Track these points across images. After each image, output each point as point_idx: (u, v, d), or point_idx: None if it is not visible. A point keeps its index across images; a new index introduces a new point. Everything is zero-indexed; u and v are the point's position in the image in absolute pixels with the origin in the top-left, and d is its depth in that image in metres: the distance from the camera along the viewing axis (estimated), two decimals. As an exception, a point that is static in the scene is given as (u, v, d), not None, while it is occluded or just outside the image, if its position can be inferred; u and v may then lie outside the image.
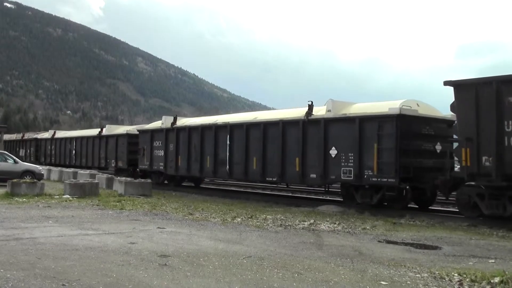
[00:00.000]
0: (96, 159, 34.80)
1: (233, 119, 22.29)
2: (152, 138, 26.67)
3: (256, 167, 20.22)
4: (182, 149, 24.38)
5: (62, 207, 15.46)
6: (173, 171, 25.28)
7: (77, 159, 37.78)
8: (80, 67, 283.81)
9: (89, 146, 35.86)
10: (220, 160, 22.02)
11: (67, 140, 40.22)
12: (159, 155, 26.06)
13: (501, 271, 7.08)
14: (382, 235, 11.50)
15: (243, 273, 7.02)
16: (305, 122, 18.42)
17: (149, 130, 27.44)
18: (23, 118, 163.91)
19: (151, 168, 26.71)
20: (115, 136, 32.28)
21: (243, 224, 12.82)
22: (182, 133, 24.60)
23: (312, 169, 18.19)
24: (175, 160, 24.72)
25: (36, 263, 7.29)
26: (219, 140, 22.06)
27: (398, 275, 7.20)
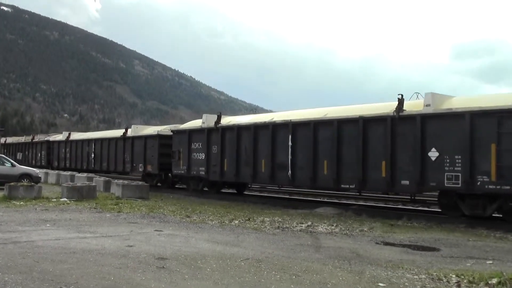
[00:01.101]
0: (119, 163, 31.10)
1: (295, 117, 19.17)
2: (190, 139, 23.78)
3: (327, 172, 17.46)
4: (229, 151, 21.57)
5: (60, 210, 15.44)
6: (217, 177, 22.35)
7: (96, 164, 34.07)
8: (77, 70, 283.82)
9: (111, 149, 32.18)
10: (279, 164, 19.21)
11: (84, 143, 36.32)
12: (199, 158, 23.16)
13: (498, 272, 7.09)
14: (380, 237, 11.50)
15: (241, 276, 7.02)
16: (394, 119, 15.71)
17: (186, 130, 24.46)
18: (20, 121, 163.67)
19: (189, 173, 23.83)
20: (143, 137, 28.65)
21: (241, 226, 12.82)
22: (228, 133, 21.76)
23: (404, 174, 15.47)
24: (219, 164, 21.86)
25: (34, 266, 7.28)
26: (278, 141, 19.29)
27: (396, 276, 7.21)
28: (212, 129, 22.57)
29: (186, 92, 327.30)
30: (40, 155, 43.24)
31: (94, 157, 34.14)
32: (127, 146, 30.10)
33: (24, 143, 47.40)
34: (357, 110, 17.35)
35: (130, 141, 29.74)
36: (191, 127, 24.51)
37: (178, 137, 24.97)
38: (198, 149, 23.28)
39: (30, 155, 45.01)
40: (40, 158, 43.14)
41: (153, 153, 27.37)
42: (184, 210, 16.42)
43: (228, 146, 21.68)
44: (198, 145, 23.29)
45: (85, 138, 37.53)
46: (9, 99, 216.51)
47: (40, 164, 41.30)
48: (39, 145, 43.76)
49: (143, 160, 28.18)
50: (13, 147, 49.32)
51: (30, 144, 45.76)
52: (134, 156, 29.33)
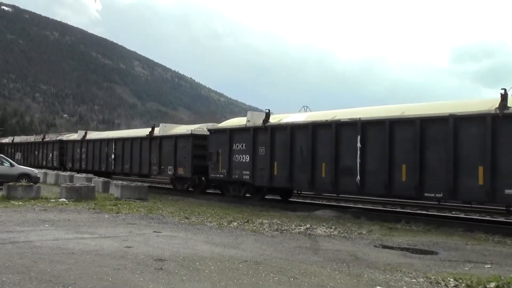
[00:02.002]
0: (144, 166, 28.21)
1: (365, 114, 16.94)
2: (231, 139, 21.38)
3: (406, 179, 15.35)
4: (280, 153, 19.26)
5: (58, 211, 15.43)
6: (264, 182, 19.97)
7: (117, 165, 31.10)
8: (77, 70, 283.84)
9: (134, 149, 29.11)
10: (344, 168, 16.97)
11: (103, 142, 33.01)
12: (243, 161, 20.75)
13: (497, 276, 7.10)
14: (378, 240, 11.51)
15: (239, 277, 7.02)
16: (496, 118, 13.56)
17: (227, 129, 21.98)
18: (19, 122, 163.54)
19: (230, 177, 21.46)
20: (173, 137, 25.83)
21: (239, 228, 12.81)
22: (280, 133, 19.44)
23: (509, 182, 13.35)
24: (268, 168, 19.52)
25: (32, 266, 7.28)
26: (343, 142, 17.09)
27: (394, 280, 7.21)
28: (259, 128, 20.22)
29: (186, 94, 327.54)
30: (51, 156, 40.29)
31: (115, 158, 31.17)
32: (153, 147, 27.37)
33: (34, 142, 44.38)
34: (443, 108, 15.39)
35: (158, 141, 27.01)
36: (233, 125, 22.20)
37: (216, 137, 22.55)
38: (241, 151, 20.94)
39: (41, 155, 42.18)
40: (51, 158, 40.20)
41: (186, 155, 24.68)
42: (183, 211, 16.42)
43: (279, 147, 19.39)
44: (242, 146, 20.95)
45: (104, 137, 34.15)
46: (9, 99, 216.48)
47: (52, 165, 39.21)
48: (51, 144, 40.76)
49: (173, 162, 25.44)
50: (21, 147, 46.84)
51: (40, 144, 42.75)
52: (162, 158, 26.60)
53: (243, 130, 21.01)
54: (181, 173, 25.15)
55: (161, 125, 27.78)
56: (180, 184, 26.17)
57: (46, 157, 41.10)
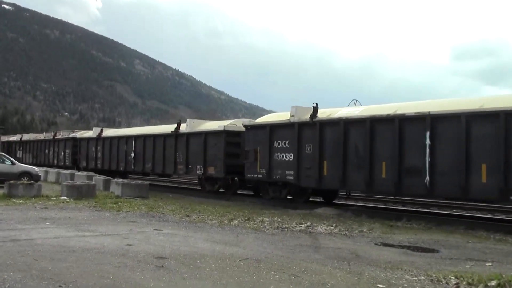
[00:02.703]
0: (169, 165, 26.29)
1: (434, 108, 15.26)
2: (271, 136, 19.63)
3: (486, 180, 13.69)
4: (331, 151, 17.54)
5: (59, 209, 15.44)
6: (312, 182, 18.26)
7: (137, 164, 29.04)
8: (77, 69, 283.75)
9: (157, 147, 27.14)
10: (410, 168, 15.24)
11: (121, 140, 30.78)
12: (286, 160, 18.99)
13: (498, 274, 7.09)
14: (379, 238, 11.51)
15: (240, 275, 7.02)
16: None
17: (267, 125, 20.18)
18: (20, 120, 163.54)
19: (270, 177, 19.72)
20: (203, 133, 23.87)
21: (240, 226, 12.81)
22: (330, 129, 17.66)
23: None
24: (317, 168, 17.75)
25: (33, 264, 7.28)
26: (408, 139, 15.41)
27: (395, 278, 7.21)
28: (306, 123, 18.44)
29: (187, 92, 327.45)
30: (63, 154, 38.10)
31: (135, 157, 29.11)
32: (180, 144, 25.39)
33: (44, 140, 42.18)
34: None
35: (185, 138, 25.04)
36: (274, 121, 20.25)
37: (253, 133, 20.78)
38: (284, 149, 19.16)
39: (51, 154, 40.02)
40: (63, 157, 38.06)
41: (217, 153, 22.80)
42: (183, 209, 16.41)
43: (329, 144, 17.66)
44: (284, 143, 19.19)
45: (122, 134, 32.00)
46: (10, 97, 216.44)
47: (64, 164, 37.22)
48: (63, 142, 38.52)
49: (203, 161, 23.57)
50: (30, 145, 44.83)
51: (51, 142, 40.47)
52: (189, 156, 24.67)
53: (287, 126, 19.18)
54: (211, 172, 23.30)
55: (188, 121, 25.93)
56: (210, 184, 24.33)
57: (57, 155, 39.20)
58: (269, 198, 20.24)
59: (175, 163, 25.67)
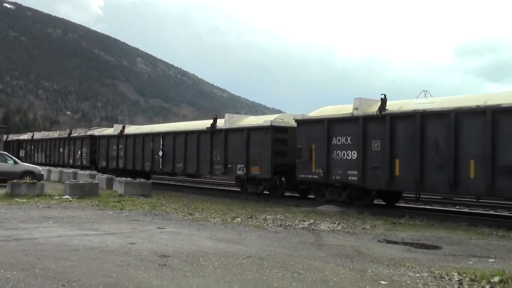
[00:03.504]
0: (204, 164, 23.86)
1: None
2: (329, 131, 17.68)
3: None
4: (404, 148, 15.63)
5: (62, 208, 15.47)
6: (381, 184, 16.34)
7: (166, 164, 26.53)
8: (79, 67, 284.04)
9: (190, 145, 24.76)
10: (506, 167, 13.35)
11: (147, 138, 28.25)
12: (347, 158, 17.10)
13: (500, 271, 7.08)
14: (382, 235, 11.50)
15: (243, 273, 7.02)
16: None
17: (323, 119, 18.05)
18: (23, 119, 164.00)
19: (328, 177, 17.74)
20: (245, 129, 21.57)
21: (243, 224, 12.82)
22: (403, 123, 15.80)
23: None
24: (387, 167, 15.87)
25: (36, 263, 7.30)
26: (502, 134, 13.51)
27: (398, 274, 7.21)
28: (373, 117, 16.54)
29: (189, 90, 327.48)
30: (80, 153, 35.57)
31: (163, 156, 26.63)
32: (217, 142, 23.11)
33: (58, 138, 39.60)
34: None
35: (223, 134, 22.69)
36: (332, 115, 17.98)
37: (307, 129, 18.70)
38: (345, 146, 17.27)
39: (66, 153, 37.49)
40: (80, 156, 35.53)
41: (263, 151, 20.51)
42: (186, 207, 16.42)
43: (402, 141, 15.76)
44: (345, 139, 17.32)
45: (148, 131, 29.20)
46: (12, 96, 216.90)
47: (81, 164, 35.01)
48: (79, 141, 35.96)
49: (245, 160, 21.25)
50: (42, 144, 42.28)
51: (66, 140, 37.91)
52: (228, 155, 22.39)
53: (349, 121, 17.22)
54: (256, 172, 21.00)
55: (227, 116, 23.44)
56: (253, 186, 22.18)
57: (73, 155, 36.61)
58: (325, 201, 18.37)
59: (211, 162, 23.30)
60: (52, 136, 41.59)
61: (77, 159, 35.90)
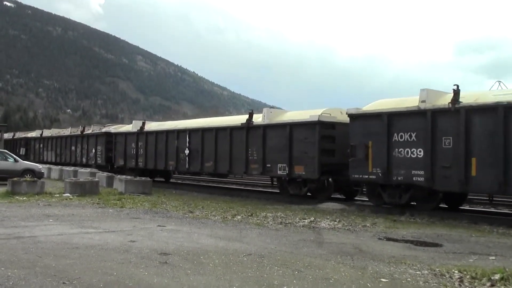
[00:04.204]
0: (238, 163, 21.78)
1: None
2: (390, 126, 15.98)
3: None
4: (483, 146, 13.89)
5: (63, 206, 15.47)
6: (453, 185, 14.60)
7: (193, 163, 24.40)
8: (80, 65, 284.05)
9: (221, 142, 22.72)
10: None
11: (171, 135, 26.20)
12: (412, 156, 15.35)
13: (501, 268, 7.08)
14: (382, 233, 11.50)
15: (244, 271, 7.02)
16: None
17: (382, 113, 16.27)
18: (23, 117, 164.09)
19: (388, 178, 16.00)
20: (288, 125, 19.60)
21: (243, 222, 12.82)
22: (481, 117, 14.02)
23: None
24: (462, 166, 14.11)
25: (37, 261, 7.30)
26: None
27: (399, 272, 7.20)
28: (444, 111, 14.83)
29: (189, 88, 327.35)
30: (94, 152, 33.40)
31: (190, 154, 24.57)
32: (253, 139, 21.03)
33: (70, 136, 37.61)
34: None
35: (260, 131, 20.63)
36: (393, 108, 16.17)
37: (363, 124, 16.95)
38: (409, 143, 15.54)
39: (79, 151, 35.55)
40: (94, 155, 33.37)
41: (308, 149, 18.63)
42: (186, 205, 16.43)
43: (481, 137, 14.01)
44: (410, 136, 15.59)
45: (172, 128, 26.89)
46: (12, 94, 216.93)
47: (95, 163, 33.08)
48: (93, 138, 33.79)
49: (287, 159, 19.32)
50: (52, 142, 40.32)
51: (79, 138, 35.89)
52: (267, 153, 20.38)
53: (413, 114, 15.51)
54: (300, 172, 19.04)
55: (265, 110, 21.23)
56: (296, 187, 19.98)
57: (86, 153, 34.54)
58: (381, 204, 16.82)
59: (246, 161, 21.23)
60: (63, 134, 39.72)
61: (91, 158, 33.91)
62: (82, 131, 35.87)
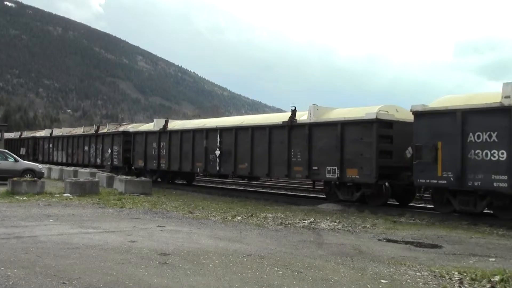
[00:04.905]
0: (279, 166, 19.72)
1: None
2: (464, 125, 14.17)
3: None
4: None
5: (63, 206, 15.47)
6: None
7: (225, 165, 22.44)
8: (80, 65, 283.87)
9: (258, 142, 20.67)
10: None
11: (198, 134, 24.27)
12: (493, 159, 13.52)
13: (501, 270, 7.09)
14: (382, 234, 11.50)
15: (243, 272, 7.02)
16: None
17: (455, 110, 14.42)
18: (23, 117, 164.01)
19: (462, 183, 14.19)
20: (338, 124, 17.64)
21: (243, 222, 12.82)
22: None
23: None
24: None
25: (37, 261, 7.30)
26: None
27: (398, 273, 7.21)
28: None
29: (189, 88, 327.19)
30: (110, 152, 31.43)
31: (221, 155, 22.65)
32: (297, 139, 19.08)
33: (83, 135, 35.80)
34: None
35: (306, 130, 18.68)
36: (468, 105, 14.31)
37: (430, 122, 15.16)
38: (489, 144, 13.65)
39: (93, 151, 33.80)
40: (110, 156, 31.46)
41: (363, 150, 16.80)
42: (186, 206, 16.43)
43: None
44: (489, 135, 13.64)
45: (200, 127, 24.85)
46: (13, 94, 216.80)
47: (111, 164, 31.31)
48: (109, 138, 31.76)
49: (338, 161, 17.42)
50: (63, 142, 38.66)
51: (93, 138, 34.08)
52: (313, 155, 18.41)
53: (495, 112, 13.68)
54: (353, 176, 17.20)
55: (311, 107, 18.89)
56: (347, 192, 17.90)
57: (101, 154, 32.69)
58: (450, 212, 15.14)
59: (288, 163, 19.24)
60: (75, 133, 37.82)
61: (106, 159, 32.07)
62: (97, 130, 34.05)
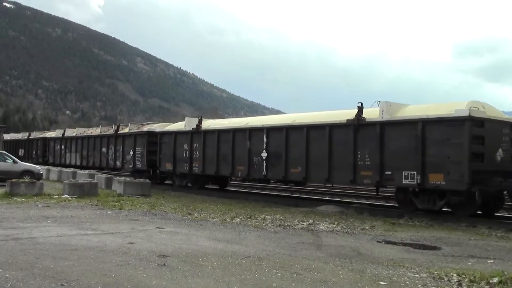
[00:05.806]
0: (342, 170, 17.42)
1: None
2: None
3: None
4: None
5: (61, 207, 15.45)
6: None
7: (273, 169, 20.09)
8: (79, 67, 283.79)
9: (315, 143, 18.32)
10: None
11: (238, 134, 21.91)
12: None
13: (500, 272, 7.09)
14: (381, 235, 11.50)
15: (242, 273, 7.02)
16: None
17: None
18: (22, 118, 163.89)
19: None
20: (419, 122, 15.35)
21: (242, 224, 12.82)
22: None
23: None
24: None
25: (35, 263, 7.29)
26: None
27: (397, 275, 7.20)
28: None
29: (189, 90, 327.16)
30: (133, 154, 28.81)
31: (268, 158, 20.27)
32: (365, 139, 16.82)
33: (100, 136, 33.30)
34: None
35: (377, 129, 16.38)
36: None
37: None
38: None
39: (112, 153, 31.23)
40: (132, 158, 28.86)
41: (451, 153, 14.55)
42: (185, 207, 16.41)
43: None
44: None
45: (242, 126, 22.35)
46: (11, 95, 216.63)
47: (133, 167, 28.98)
48: (131, 139, 29.10)
49: (419, 164, 15.13)
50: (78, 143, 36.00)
51: (112, 138, 31.54)
52: (385, 158, 16.16)
53: None
54: (438, 182, 14.84)
55: (383, 104, 16.52)
56: (428, 199, 15.73)
57: (122, 156, 30.01)
58: None
59: (354, 167, 16.94)
60: (91, 133, 35.20)
61: (127, 161, 29.51)
62: (117, 130, 31.23)
